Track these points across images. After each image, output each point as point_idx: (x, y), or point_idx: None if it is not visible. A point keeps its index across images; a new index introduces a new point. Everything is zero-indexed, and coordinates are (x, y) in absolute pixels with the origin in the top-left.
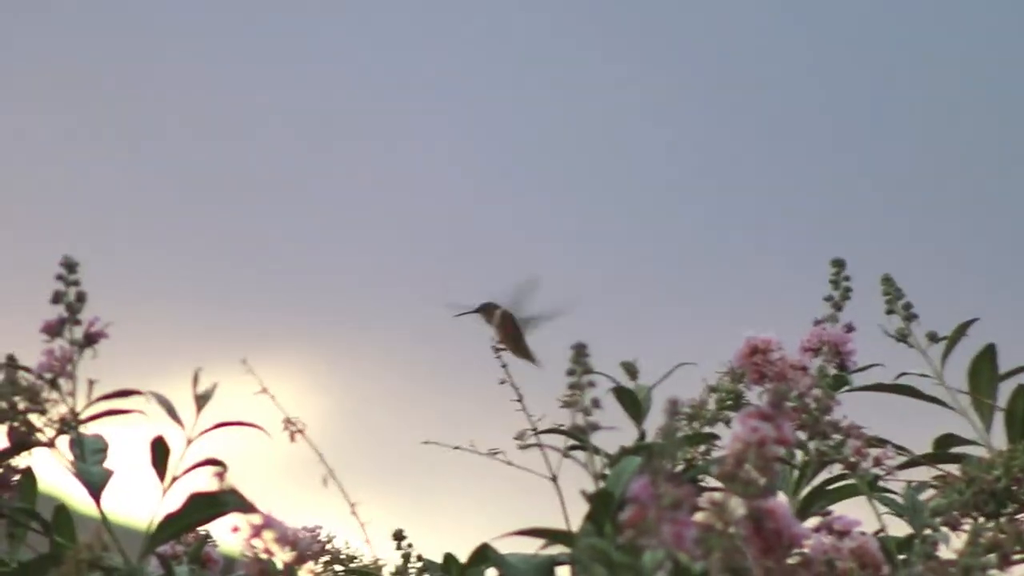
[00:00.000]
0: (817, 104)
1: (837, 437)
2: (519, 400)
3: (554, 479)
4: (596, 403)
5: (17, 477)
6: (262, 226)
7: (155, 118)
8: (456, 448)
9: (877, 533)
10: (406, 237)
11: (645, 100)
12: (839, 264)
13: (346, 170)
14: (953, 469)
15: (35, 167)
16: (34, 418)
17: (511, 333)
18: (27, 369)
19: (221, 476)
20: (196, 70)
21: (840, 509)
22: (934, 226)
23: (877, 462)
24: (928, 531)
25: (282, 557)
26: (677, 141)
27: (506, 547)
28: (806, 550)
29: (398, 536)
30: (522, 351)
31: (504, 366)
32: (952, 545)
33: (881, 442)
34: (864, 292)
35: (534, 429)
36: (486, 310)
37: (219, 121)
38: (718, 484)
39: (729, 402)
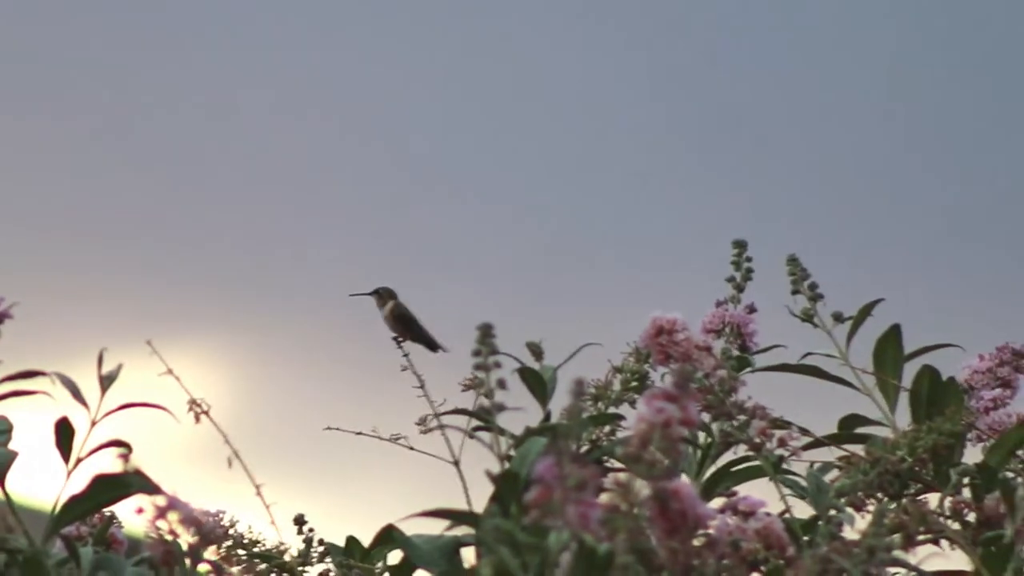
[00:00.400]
0: (724, 79)
1: (742, 418)
2: (421, 386)
3: (456, 463)
4: (502, 384)
5: None
6: (170, 205)
7: (64, 88)
8: (359, 434)
9: (782, 514)
10: (319, 221)
11: (554, 60)
12: (740, 245)
13: (256, 144)
14: (858, 450)
15: None
16: None
17: (401, 326)
18: None
19: (125, 458)
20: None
21: (745, 490)
22: (840, 206)
23: (782, 443)
24: (833, 512)
25: (187, 538)
26: (589, 111)
27: (411, 529)
28: (711, 531)
29: (299, 521)
30: (420, 340)
31: (406, 355)
32: (856, 526)
33: (786, 423)
34: (770, 272)
35: (436, 414)
36: (378, 295)
37: (136, 92)
38: (623, 465)
39: (634, 383)
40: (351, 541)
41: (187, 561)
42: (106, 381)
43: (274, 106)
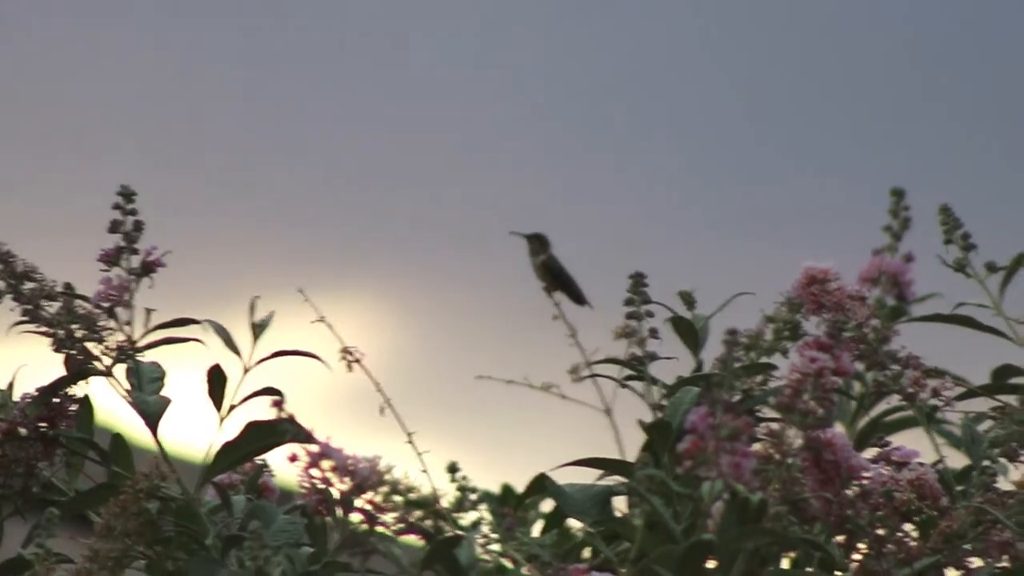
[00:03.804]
0: (881, 28)
1: (895, 368)
2: (572, 335)
3: (608, 412)
4: (654, 333)
5: (74, 406)
6: (321, 152)
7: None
8: (510, 382)
9: (935, 464)
10: (471, 171)
11: (694, 24)
12: (898, 194)
13: (415, 96)
14: (1012, 400)
15: (94, 91)
16: (91, 347)
17: (551, 277)
18: (84, 298)
19: (279, 405)
20: None
21: (898, 440)
22: (993, 153)
23: (935, 393)
24: (987, 462)
25: (340, 487)
26: (734, 67)
27: (563, 478)
28: (864, 481)
29: (452, 468)
30: (568, 292)
31: (557, 304)
32: (1011, 476)
33: (939, 373)
34: (922, 222)
35: (588, 363)
36: (537, 240)
37: (296, 52)
38: (776, 415)
39: (787, 332)
40: (506, 489)
41: (339, 509)
42: (258, 329)
43: (440, 49)
